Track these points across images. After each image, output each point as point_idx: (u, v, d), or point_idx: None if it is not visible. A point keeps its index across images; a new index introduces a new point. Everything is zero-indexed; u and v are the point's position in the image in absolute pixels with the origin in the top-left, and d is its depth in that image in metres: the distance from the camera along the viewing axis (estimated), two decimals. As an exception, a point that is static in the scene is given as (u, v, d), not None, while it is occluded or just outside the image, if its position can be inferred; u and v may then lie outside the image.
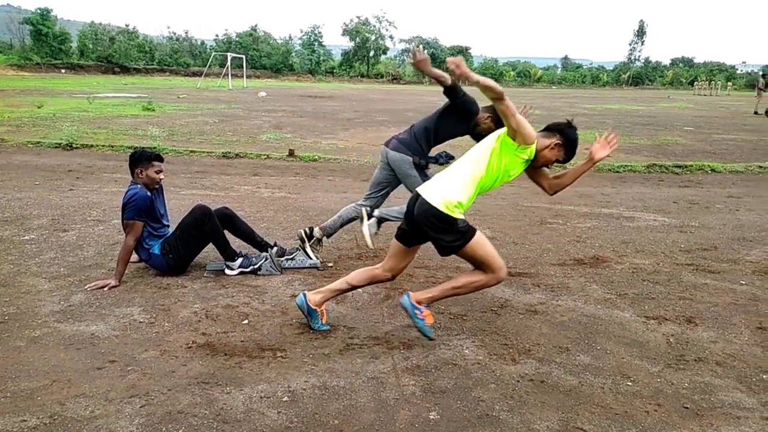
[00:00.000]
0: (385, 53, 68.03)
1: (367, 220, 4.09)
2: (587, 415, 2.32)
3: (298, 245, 4.19)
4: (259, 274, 3.78)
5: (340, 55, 66.55)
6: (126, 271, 3.61)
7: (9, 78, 33.25)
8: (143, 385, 2.43)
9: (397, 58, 71.85)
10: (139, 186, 3.62)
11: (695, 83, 51.81)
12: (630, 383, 2.58)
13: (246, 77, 38.13)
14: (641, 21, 74.26)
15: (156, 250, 3.66)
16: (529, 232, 5.09)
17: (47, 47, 46.02)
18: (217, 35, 60.51)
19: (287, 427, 2.20)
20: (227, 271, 3.77)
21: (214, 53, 45.25)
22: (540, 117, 2.93)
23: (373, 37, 64.45)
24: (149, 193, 3.64)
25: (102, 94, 21.90)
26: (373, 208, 4.14)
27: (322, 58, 61.67)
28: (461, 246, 2.74)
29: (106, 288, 3.45)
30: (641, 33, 73.40)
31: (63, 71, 42.90)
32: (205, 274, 3.79)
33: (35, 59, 43.76)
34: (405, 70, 64.86)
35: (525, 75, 65.73)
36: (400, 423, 2.24)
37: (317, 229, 4.12)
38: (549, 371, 2.66)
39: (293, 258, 4.01)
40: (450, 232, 2.73)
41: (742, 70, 78.20)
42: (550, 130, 2.90)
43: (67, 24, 55.72)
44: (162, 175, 3.73)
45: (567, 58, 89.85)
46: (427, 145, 3.91)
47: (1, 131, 10.30)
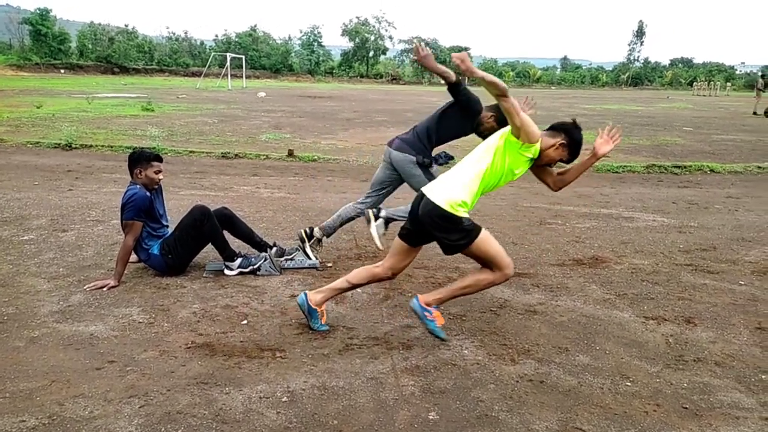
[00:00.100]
0: (385, 53, 68.03)
1: (374, 221, 4.09)
2: (586, 416, 2.32)
3: (297, 245, 4.19)
4: (259, 274, 3.78)
5: (339, 56, 66.53)
6: (125, 272, 3.61)
7: (8, 78, 33.22)
8: (142, 386, 2.43)
9: (397, 58, 71.85)
10: (138, 186, 3.62)
11: (694, 84, 51.88)
12: (629, 383, 2.58)
13: (245, 77, 38.14)
14: (640, 21, 74.33)
15: (155, 250, 3.66)
16: (529, 232, 5.09)
17: (46, 47, 45.98)
18: (217, 35, 60.53)
19: (286, 428, 2.20)
20: (226, 272, 3.77)
21: (213, 53, 45.22)
22: (540, 117, 2.93)
23: (373, 38, 64.45)
24: (148, 194, 3.64)
25: (101, 94, 21.89)
26: (373, 207, 4.14)
27: (321, 58, 61.65)
28: (467, 245, 2.75)
29: (105, 288, 3.45)
30: (640, 33, 73.46)
31: (62, 71, 42.85)
32: (205, 274, 3.79)
33: (34, 59, 43.71)
34: (404, 70, 64.90)
35: (524, 75, 65.76)
36: (399, 423, 2.24)
37: (317, 229, 4.12)
38: (548, 371, 2.67)
39: (292, 258, 4.01)
40: (455, 231, 2.73)
41: (741, 70, 78.27)
42: (555, 129, 2.89)
43: (67, 24, 55.71)
44: (161, 176, 3.73)
45: (566, 58, 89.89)
46: (430, 144, 3.91)
47: (1, 131, 10.29)
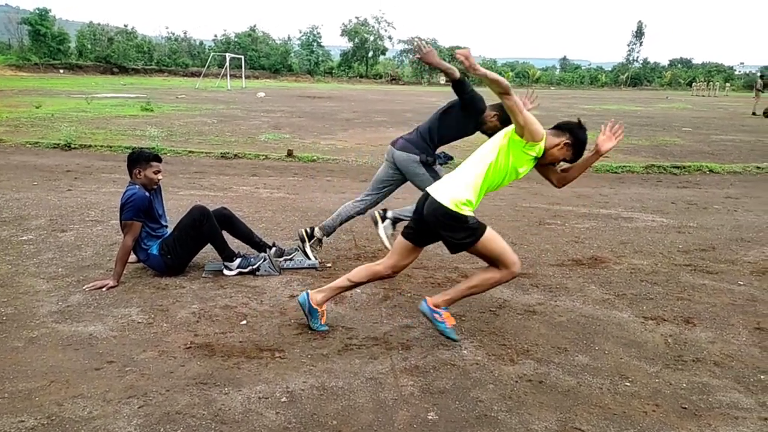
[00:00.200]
0: (384, 54, 68.05)
1: (382, 222, 4.10)
2: (585, 416, 2.32)
3: (297, 245, 4.19)
4: (258, 274, 3.78)
5: (338, 56, 66.55)
6: (124, 272, 3.60)
7: (7, 78, 33.20)
8: (141, 386, 2.43)
9: (396, 58, 71.87)
10: (138, 186, 3.62)
11: (693, 84, 51.96)
12: (628, 383, 2.58)
13: (245, 78, 38.18)
14: (639, 22, 74.37)
15: (154, 250, 3.65)
16: (528, 232, 5.10)
17: (45, 47, 45.96)
18: (216, 35, 60.58)
19: (285, 428, 2.19)
20: (226, 272, 3.77)
21: (212, 53, 45.21)
22: (539, 117, 2.93)
23: (372, 38, 64.48)
24: (147, 194, 3.64)
25: (100, 94, 21.88)
26: (372, 206, 4.14)
27: (320, 58, 61.67)
28: (473, 243, 2.75)
29: (104, 288, 3.45)
30: (639, 34, 73.52)
31: (61, 71, 42.84)
32: (204, 274, 3.78)
33: (33, 59, 43.70)
34: (403, 70, 64.91)
35: (524, 76, 65.81)
36: (398, 423, 2.24)
37: (318, 230, 4.11)
38: (547, 372, 2.67)
39: (292, 258, 4.01)
40: (461, 229, 2.74)
41: (740, 71, 78.38)
42: (560, 128, 2.87)
43: (66, 24, 55.70)
44: (160, 176, 3.73)
45: (565, 58, 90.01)
46: (432, 144, 3.92)
47: (0, 131, 10.29)
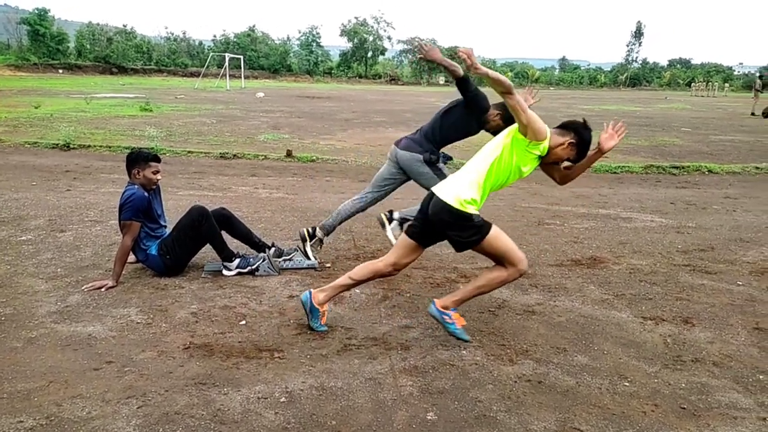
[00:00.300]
0: (383, 54, 68.07)
1: (389, 224, 4.10)
2: (584, 416, 2.32)
3: (297, 245, 4.19)
4: (257, 274, 3.77)
5: (338, 56, 66.55)
6: (123, 272, 3.60)
7: (6, 78, 33.18)
8: (140, 386, 2.43)
9: (395, 59, 71.87)
10: (136, 186, 3.62)
11: (693, 84, 52.06)
12: (627, 384, 2.58)
13: (244, 78, 38.17)
14: (638, 22, 74.51)
15: (153, 250, 3.65)
16: (527, 232, 5.10)
17: (45, 47, 45.94)
18: (215, 36, 60.64)
19: (284, 428, 2.19)
20: (225, 272, 3.77)
21: (212, 54, 45.22)
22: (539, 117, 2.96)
23: (371, 38, 64.49)
24: (146, 194, 3.64)
25: (99, 94, 21.87)
26: (372, 204, 4.14)
27: (320, 58, 61.68)
28: (479, 241, 2.75)
29: (103, 289, 3.45)
30: (639, 34, 73.62)
31: (60, 71, 42.83)
32: (203, 274, 3.78)
33: (32, 59, 43.67)
34: (403, 70, 64.91)
35: (523, 76, 65.87)
36: (397, 424, 2.24)
37: (319, 230, 4.11)
38: (546, 372, 2.67)
39: (291, 258, 4.00)
40: (466, 228, 2.74)
41: (739, 71, 78.53)
42: (565, 128, 2.86)
43: (65, 24, 55.73)
44: (159, 176, 3.72)
45: (565, 59, 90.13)
46: (435, 143, 3.92)
47: (-2, 131, 10.28)
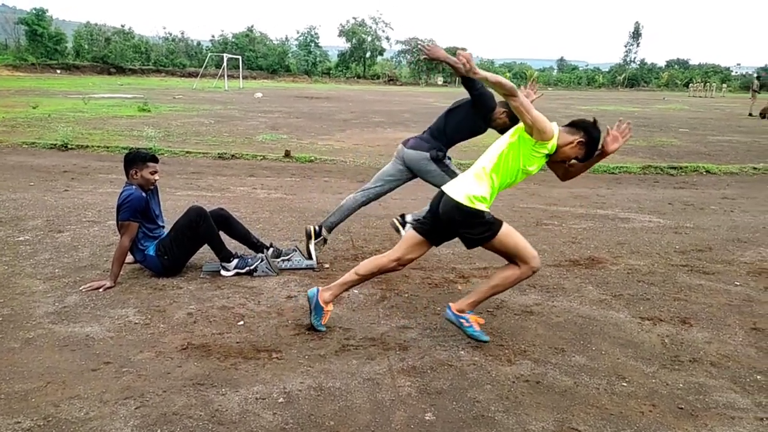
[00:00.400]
0: (382, 54, 68.09)
1: (403, 229, 4.12)
2: (582, 416, 2.33)
3: (295, 245, 4.18)
4: (255, 275, 3.77)
5: (336, 56, 66.54)
6: (121, 273, 3.60)
7: (4, 78, 33.10)
8: (138, 387, 2.43)
9: (394, 59, 71.89)
10: (134, 187, 3.61)
11: (690, 85, 52.17)
12: (625, 384, 2.59)
13: (242, 78, 38.11)
14: (636, 23, 74.72)
15: (151, 251, 3.65)
16: (525, 233, 5.05)
17: (42, 47, 45.86)
18: (213, 36, 60.62)
19: (283, 429, 2.19)
20: (223, 272, 3.77)
21: (210, 54, 45.20)
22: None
23: (370, 38, 64.52)
24: (144, 194, 3.63)
25: (97, 94, 21.83)
26: (374, 199, 4.13)
27: (318, 59, 61.65)
28: (490, 237, 2.76)
29: (101, 289, 3.44)
30: (637, 35, 73.78)
31: (58, 72, 42.75)
32: (201, 275, 3.78)
33: (30, 59, 43.59)
34: (401, 71, 64.93)
35: (521, 76, 65.91)
36: (395, 424, 2.24)
37: (325, 230, 4.11)
38: (544, 372, 2.67)
39: (289, 259, 4.00)
40: (478, 225, 2.76)
41: (736, 72, 78.74)
42: (575, 126, 2.83)
43: (63, 24, 55.58)
44: (157, 176, 3.72)
45: (563, 59, 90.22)
46: (441, 141, 3.93)
47: (-4, 132, 10.26)
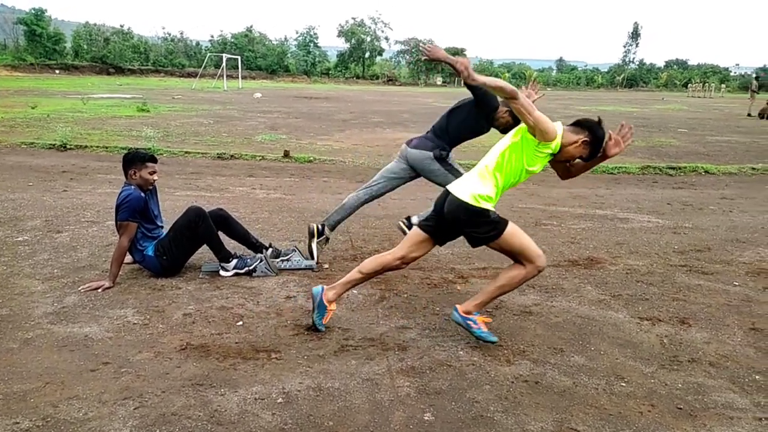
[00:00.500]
0: (381, 54, 68.10)
1: (409, 231, 4.10)
2: (581, 416, 2.33)
3: (294, 246, 4.18)
4: (254, 275, 3.77)
5: (335, 57, 66.54)
6: (120, 273, 3.59)
7: (3, 78, 33.05)
8: (137, 387, 2.43)
9: (393, 59, 71.90)
10: (133, 187, 3.61)
11: (689, 85, 52.24)
12: (624, 384, 2.59)
13: (241, 78, 38.10)
14: (635, 23, 74.84)
15: (150, 251, 3.64)
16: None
17: (41, 48, 45.83)
18: (213, 36, 60.61)
19: (282, 429, 2.19)
20: (222, 273, 3.76)
21: (209, 54, 45.18)
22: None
23: (369, 39, 64.51)
24: (143, 194, 3.63)
25: (96, 94, 21.81)
26: (377, 196, 4.13)
27: (317, 59, 61.65)
28: (496, 236, 2.75)
29: (99, 289, 3.44)
30: (635, 35, 73.85)
31: (57, 72, 42.70)
32: (200, 275, 3.78)
33: (29, 60, 43.55)
34: (400, 71, 64.95)
35: (520, 77, 65.95)
36: (394, 424, 2.24)
37: (328, 229, 4.10)
38: (543, 372, 2.67)
39: (288, 259, 4.00)
40: (483, 224, 2.75)
41: (735, 72, 78.87)
42: (580, 126, 2.82)
43: (62, 24, 55.58)
44: (156, 176, 3.72)
45: (562, 59, 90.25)
46: (446, 140, 3.94)
47: (-5, 132, 10.24)
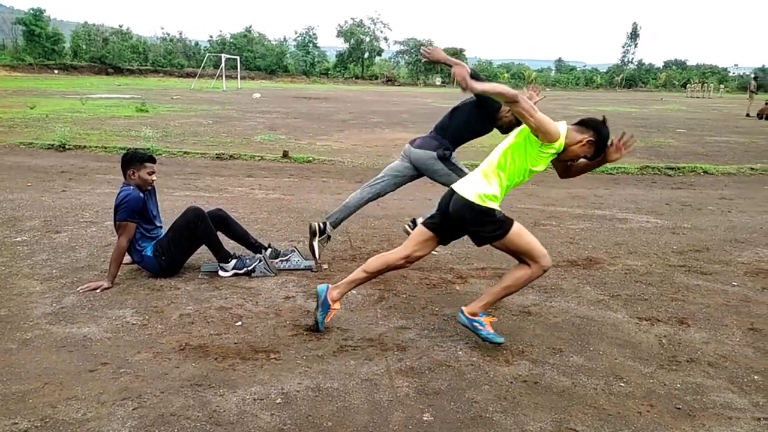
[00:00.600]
0: (380, 55, 68.04)
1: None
2: (580, 416, 2.33)
3: (293, 246, 4.18)
4: (253, 275, 3.77)
5: (334, 57, 66.51)
6: (119, 273, 3.59)
7: (1, 79, 33.00)
8: (136, 388, 2.42)
9: (392, 59, 71.88)
10: (132, 187, 3.61)
11: (688, 85, 52.27)
12: (623, 384, 2.59)
13: (240, 78, 38.08)
14: (634, 23, 74.96)
15: (149, 252, 3.64)
16: (523, 233, 5.10)
17: (40, 48, 45.76)
18: (211, 36, 60.49)
19: (281, 429, 2.19)
20: (221, 273, 3.76)
21: (208, 54, 45.15)
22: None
23: (368, 39, 64.45)
24: (142, 195, 3.63)
25: (95, 94, 21.79)
26: (381, 194, 4.13)
27: (316, 59, 61.60)
28: (502, 235, 2.75)
29: (98, 290, 3.43)
30: (634, 35, 73.85)
31: (56, 72, 42.64)
32: (199, 275, 3.77)
33: (28, 60, 43.48)
34: (399, 71, 64.95)
35: (519, 77, 65.96)
36: (393, 424, 2.24)
37: (329, 227, 4.10)
38: (542, 372, 2.67)
39: (288, 259, 4.00)
40: (489, 223, 2.75)
41: (734, 72, 78.92)
42: (584, 125, 2.81)
43: (60, 24, 55.51)
44: (154, 177, 3.72)
45: (561, 60, 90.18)
46: (449, 139, 3.94)
47: (-7, 132, 10.23)
